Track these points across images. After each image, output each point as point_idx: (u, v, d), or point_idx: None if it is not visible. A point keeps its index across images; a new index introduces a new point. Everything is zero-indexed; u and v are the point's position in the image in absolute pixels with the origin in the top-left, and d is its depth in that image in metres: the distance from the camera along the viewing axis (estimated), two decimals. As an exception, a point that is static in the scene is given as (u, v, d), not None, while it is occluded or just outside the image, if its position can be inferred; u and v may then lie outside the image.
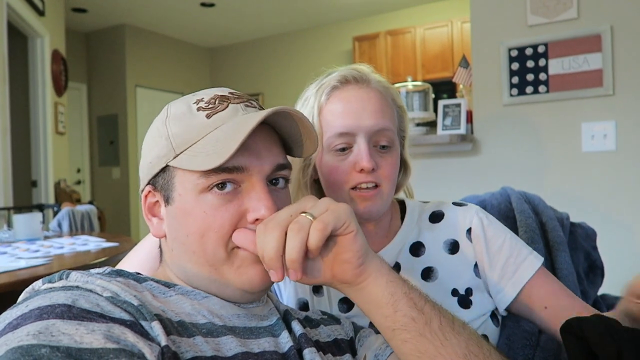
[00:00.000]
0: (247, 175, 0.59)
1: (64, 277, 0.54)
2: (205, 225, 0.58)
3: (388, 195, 0.86)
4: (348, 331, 0.74)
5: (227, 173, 0.58)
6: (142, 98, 6.70)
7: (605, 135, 2.08)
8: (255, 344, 0.58)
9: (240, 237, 0.58)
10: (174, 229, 0.61)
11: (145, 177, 0.64)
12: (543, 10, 2.17)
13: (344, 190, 0.83)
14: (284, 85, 7.01)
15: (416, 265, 0.89)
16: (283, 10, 6.20)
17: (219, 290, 0.60)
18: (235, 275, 0.59)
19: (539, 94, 2.19)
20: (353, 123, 0.82)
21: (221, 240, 0.58)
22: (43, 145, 4.58)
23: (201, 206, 0.58)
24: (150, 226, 0.64)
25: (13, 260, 1.78)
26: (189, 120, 0.61)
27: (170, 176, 0.61)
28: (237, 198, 0.59)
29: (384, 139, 0.84)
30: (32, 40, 4.52)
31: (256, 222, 0.58)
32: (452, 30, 5.71)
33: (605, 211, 2.05)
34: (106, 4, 5.84)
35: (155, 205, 0.64)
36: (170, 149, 0.60)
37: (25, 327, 0.43)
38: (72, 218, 3.32)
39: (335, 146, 0.83)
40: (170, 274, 0.64)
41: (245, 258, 0.59)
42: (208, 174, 0.57)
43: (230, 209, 0.58)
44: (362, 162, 0.81)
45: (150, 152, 0.63)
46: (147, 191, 0.64)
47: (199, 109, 0.61)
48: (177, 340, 0.51)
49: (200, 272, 0.60)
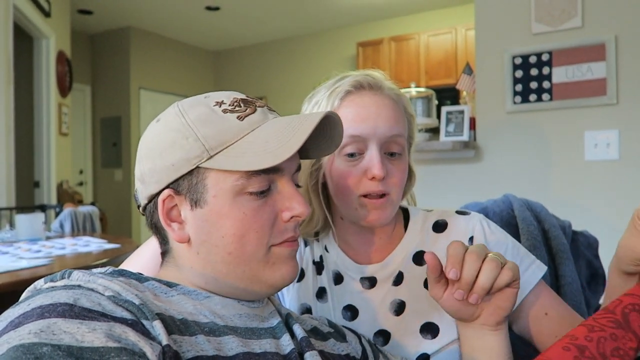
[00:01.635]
0: (280, 175, 0.62)
1: (66, 276, 0.54)
2: (245, 227, 0.59)
3: (396, 203, 0.85)
4: (357, 349, 0.75)
5: (265, 174, 0.59)
6: (146, 100, 6.72)
7: (609, 144, 2.08)
8: (257, 345, 0.58)
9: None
10: (205, 232, 0.60)
11: (162, 181, 0.61)
12: (547, 19, 2.17)
13: (353, 196, 0.83)
14: (288, 89, 7.02)
15: (419, 274, 0.88)
16: (287, 14, 6.22)
17: (246, 287, 0.61)
18: (270, 272, 0.61)
19: (542, 102, 2.19)
20: (367, 128, 0.82)
21: (261, 240, 0.60)
22: (46, 145, 4.60)
23: (240, 208, 0.59)
24: (170, 232, 0.62)
25: (15, 260, 1.78)
26: (220, 121, 0.60)
27: (201, 178, 0.59)
28: (271, 199, 0.61)
29: (395, 146, 0.84)
30: (37, 41, 4.55)
31: (291, 219, 0.62)
32: (456, 37, 5.73)
33: (608, 220, 2.05)
34: (111, 6, 5.87)
35: (173, 209, 0.61)
36: (203, 150, 0.58)
37: (27, 326, 0.43)
38: (74, 219, 3.33)
39: (346, 150, 0.83)
40: (181, 277, 0.62)
41: (281, 256, 0.62)
42: (249, 175, 0.58)
43: (268, 210, 0.60)
44: (373, 170, 0.80)
45: (169, 155, 0.60)
46: (165, 195, 0.61)
47: (225, 111, 0.61)
48: (178, 340, 0.51)
49: (231, 272, 0.60)
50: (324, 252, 0.93)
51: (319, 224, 0.92)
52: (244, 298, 0.63)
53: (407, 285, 0.87)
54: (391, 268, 0.88)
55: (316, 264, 0.92)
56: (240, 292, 0.62)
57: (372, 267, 0.89)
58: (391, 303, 0.86)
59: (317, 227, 0.92)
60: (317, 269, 0.92)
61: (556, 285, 1.08)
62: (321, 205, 0.89)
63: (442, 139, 2.37)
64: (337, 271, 0.91)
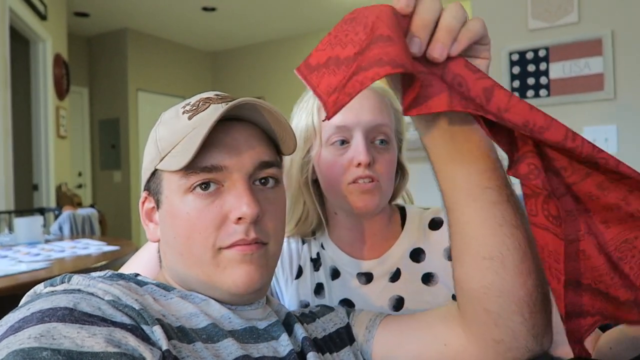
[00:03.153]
0: (228, 174, 0.58)
1: (66, 281, 0.54)
2: (190, 227, 0.58)
3: (385, 193, 0.86)
4: (343, 317, 0.73)
5: (206, 172, 0.57)
6: (144, 102, 6.71)
7: (607, 139, 2.08)
8: (255, 349, 0.58)
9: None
10: (165, 232, 0.62)
11: (143, 184, 0.66)
12: (544, 15, 2.17)
13: (342, 185, 0.84)
14: (286, 89, 7.01)
15: (417, 271, 0.89)
16: (284, 14, 6.21)
17: (209, 292, 0.60)
18: (221, 277, 0.58)
19: (540, 98, 2.19)
20: (351, 117, 0.83)
21: (206, 242, 0.57)
22: (44, 148, 4.59)
23: (185, 207, 0.58)
24: (147, 231, 0.65)
25: (14, 264, 1.78)
26: (174, 123, 0.62)
27: (159, 179, 0.62)
28: (219, 198, 0.58)
29: (381, 134, 0.85)
30: (34, 44, 4.53)
31: (239, 221, 0.57)
32: (453, 35, 5.72)
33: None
34: (108, 8, 5.86)
35: (152, 211, 0.64)
36: (157, 152, 0.61)
37: (27, 330, 0.43)
38: (73, 222, 3.32)
39: (333, 141, 0.85)
40: (168, 277, 0.64)
41: (231, 259, 0.57)
42: (188, 174, 0.57)
43: (213, 210, 0.57)
44: (359, 157, 0.81)
45: (145, 159, 0.65)
46: (143, 197, 0.65)
47: (184, 112, 0.62)
48: (177, 345, 0.51)
49: (190, 274, 0.60)
50: (321, 249, 0.94)
51: (314, 223, 0.93)
52: (224, 302, 0.61)
53: (404, 281, 0.88)
54: (388, 265, 0.89)
55: (313, 261, 0.94)
56: (213, 295, 0.60)
57: (369, 262, 0.90)
58: (390, 299, 0.87)
59: (312, 225, 0.93)
60: (315, 265, 0.93)
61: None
62: (314, 202, 0.91)
63: (440, 137, 2.37)
64: (334, 267, 0.92)
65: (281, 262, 0.94)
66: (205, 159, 0.57)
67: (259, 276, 0.58)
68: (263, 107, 0.59)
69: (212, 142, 0.57)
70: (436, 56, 0.48)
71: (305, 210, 0.92)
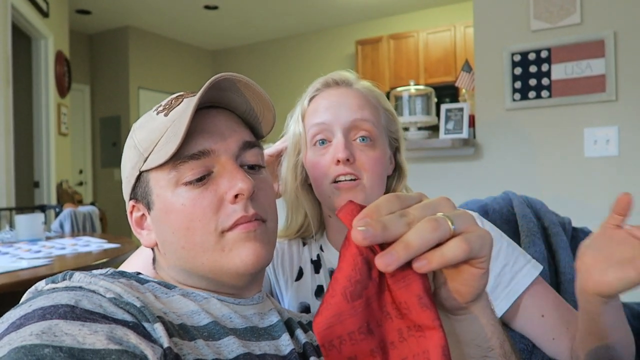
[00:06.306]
0: (216, 158, 0.60)
1: (67, 278, 0.54)
2: (187, 217, 0.58)
3: (370, 190, 0.84)
4: None
5: (195, 159, 0.59)
6: (145, 100, 6.72)
7: (608, 141, 2.08)
8: (256, 346, 0.58)
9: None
10: (161, 232, 0.62)
11: (127, 195, 0.66)
12: (546, 16, 2.17)
13: (326, 184, 0.84)
14: (287, 88, 7.01)
15: None
16: (286, 13, 6.21)
17: (215, 279, 0.60)
18: (229, 259, 0.59)
19: (541, 99, 2.19)
20: (330, 115, 0.85)
21: (207, 227, 0.58)
22: (46, 146, 4.59)
23: (179, 200, 0.59)
24: (140, 239, 0.65)
25: (15, 261, 1.78)
26: (151, 124, 0.63)
27: (145, 182, 0.62)
28: (212, 183, 0.59)
29: (362, 131, 0.85)
30: (35, 42, 4.54)
31: (236, 199, 0.58)
32: (455, 35, 5.72)
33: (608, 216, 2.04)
34: (110, 6, 5.86)
35: (142, 219, 0.65)
36: (139, 154, 0.62)
37: (29, 327, 0.43)
38: (74, 219, 3.32)
39: (315, 141, 0.86)
40: (168, 278, 0.64)
41: (236, 239, 0.58)
42: (177, 165, 0.58)
43: (208, 196, 0.59)
44: (338, 154, 0.82)
45: (125, 169, 0.65)
46: (131, 207, 0.65)
47: (158, 113, 0.63)
48: (179, 343, 0.51)
49: (195, 265, 0.60)
50: (320, 251, 0.94)
51: (315, 227, 0.93)
52: (229, 292, 0.62)
53: None
54: None
55: (314, 263, 0.93)
56: (217, 285, 0.61)
57: None
58: None
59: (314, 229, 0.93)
60: (315, 267, 0.93)
61: (556, 282, 1.08)
62: (311, 204, 0.91)
63: (441, 137, 2.37)
64: (333, 269, 0.91)
65: (281, 264, 0.94)
66: (191, 147, 0.59)
67: (265, 252, 0.60)
68: (239, 80, 0.61)
69: (194, 130, 0.59)
70: (380, 267, 0.39)
71: (307, 219, 0.93)
